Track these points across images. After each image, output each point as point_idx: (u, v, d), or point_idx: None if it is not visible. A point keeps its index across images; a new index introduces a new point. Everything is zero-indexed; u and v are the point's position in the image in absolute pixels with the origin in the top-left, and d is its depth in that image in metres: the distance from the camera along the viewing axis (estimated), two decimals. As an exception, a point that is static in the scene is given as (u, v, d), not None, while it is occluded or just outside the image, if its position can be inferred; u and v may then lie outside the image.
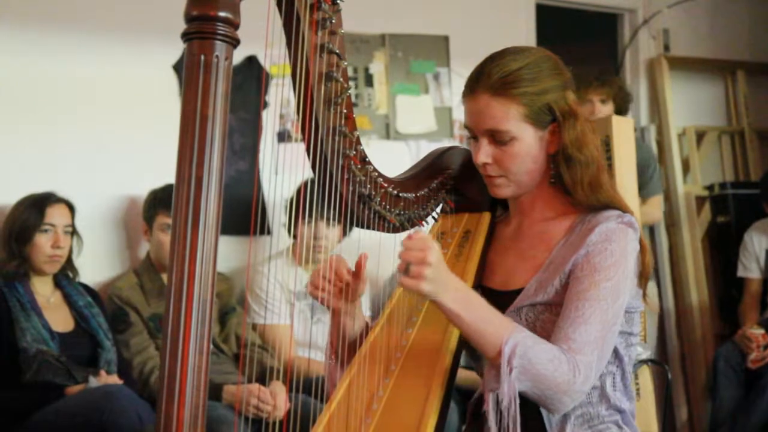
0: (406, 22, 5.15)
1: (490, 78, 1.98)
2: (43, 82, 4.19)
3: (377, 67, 5.09)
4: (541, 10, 5.68)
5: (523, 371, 1.79)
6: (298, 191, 3.73)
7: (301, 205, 3.47)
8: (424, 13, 5.20)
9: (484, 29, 5.08)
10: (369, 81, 5.06)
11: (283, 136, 4.67)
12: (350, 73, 4.97)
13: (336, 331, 2.08)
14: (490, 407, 1.81)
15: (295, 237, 4.20)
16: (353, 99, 4.96)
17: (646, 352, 4.13)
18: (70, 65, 4.25)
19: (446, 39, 5.23)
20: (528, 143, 1.99)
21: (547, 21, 5.70)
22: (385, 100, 5.10)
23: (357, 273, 2.02)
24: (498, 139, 1.99)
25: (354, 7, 4.86)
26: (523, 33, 5.45)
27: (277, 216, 4.33)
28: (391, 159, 2.19)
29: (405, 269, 1.77)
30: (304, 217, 3.86)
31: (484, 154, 2.01)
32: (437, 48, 5.22)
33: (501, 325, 1.84)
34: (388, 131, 5.07)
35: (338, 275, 2.01)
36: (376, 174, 1.98)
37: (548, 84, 1.99)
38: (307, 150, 1.86)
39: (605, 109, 4.87)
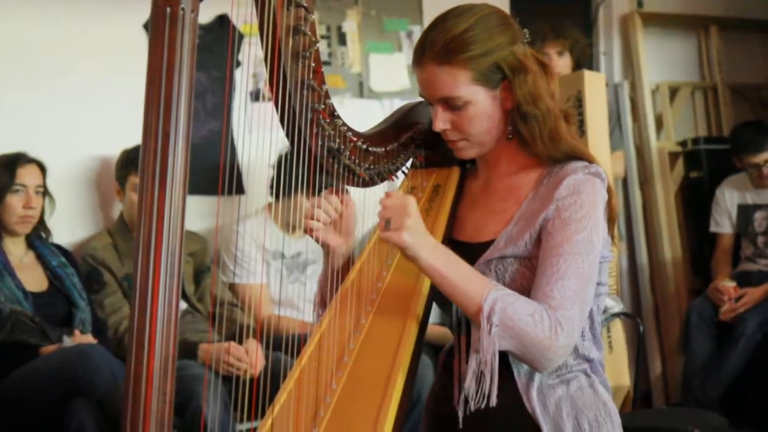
0: (378, -20, 5.14)
1: (434, 47, 1.96)
2: (13, 42, 4.16)
3: (350, 26, 5.08)
4: (514, -34, 5.66)
5: (504, 328, 1.80)
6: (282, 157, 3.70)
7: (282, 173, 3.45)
8: (396, -29, 5.19)
9: (457, -14, 5.07)
10: (342, 40, 5.05)
11: (256, 95, 4.66)
12: (323, 31, 4.97)
13: (326, 274, 2.10)
14: (471, 365, 1.83)
15: (276, 197, 4.18)
16: (326, 58, 4.97)
17: (618, 306, 4.17)
18: (40, 26, 4.22)
19: (419, -4, 5.22)
20: (482, 105, 1.99)
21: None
22: (359, 58, 5.09)
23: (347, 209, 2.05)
24: (452, 105, 1.99)
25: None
26: (496, -10, 5.43)
27: (252, 175, 4.33)
28: (366, 118, 2.18)
29: (386, 223, 1.81)
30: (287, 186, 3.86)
31: (441, 121, 2.01)
32: (410, 6, 5.21)
33: (481, 282, 1.86)
34: (361, 90, 5.07)
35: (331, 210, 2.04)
36: (346, 128, 1.98)
37: (494, 43, 1.97)
38: (275, 104, 1.86)
39: (562, 61, 4.89)
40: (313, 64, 1.86)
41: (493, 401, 1.82)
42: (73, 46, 4.26)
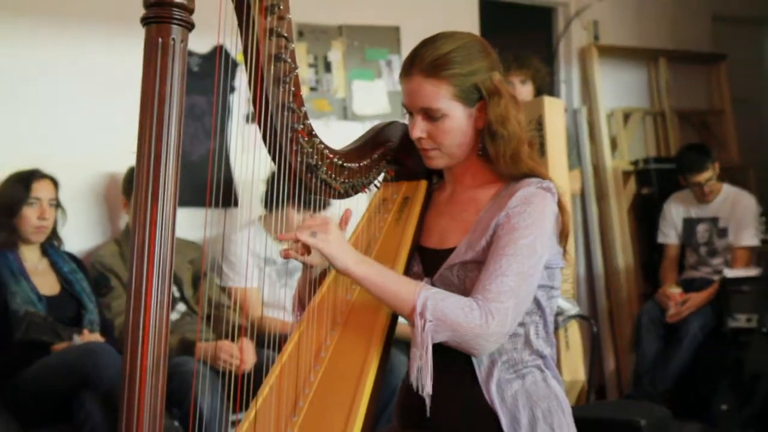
0: (361, 14, 5.15)
1: (423, 61, 1.98)
2: (31, 68, 4.16)
3: (335, 55, 5.08)
4: (483, 3, 5.68)
5: (438, 323, 1.82)
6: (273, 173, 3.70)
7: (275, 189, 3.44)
8: (377, 6, 5.20)
9: (432, 20, 5.05)
10: (328, 67, 5.05)
11: (249, 118, 4.65)
12: (311, 60, 4.97)
13: (304, 282, 2.10)
14: (412, 359, 1.84)
15: (268, 209, 4.15)
16: (314, 84, 4.97)
17: (574, 309, 4.18)
18: (56, 54, 4.22)
19: (397, 29, 5.22)
20: (458, 119, 2.00)
21: (490, 13, 5.70)
22: (343, 84, 5.09)
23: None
24: (431, 116, 2.00)
25: (314, 1, 4.88)
26: (467, 24, 5.44)
27: (246, 190, 4.32)
28: (349, 138, 2.18)
29: (311, 235, 1.85)
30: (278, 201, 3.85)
31: (418, 129, 2.02)
32: (389, 37, 5.22)
33: (411, 285, 1.88)
34: (345, 113, 5.07)
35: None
36: (323, 146, 1.98)
37: (476, 66, 1.99)
38: (259, 124, 1.86)
39: (525, 89, 4.89)
40: (293, 88, 1.86)
41: (429, 391, 1.83)
42: (84, 74, 4.24)
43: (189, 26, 1.47)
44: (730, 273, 4.86)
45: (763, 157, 6.37)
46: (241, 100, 4.53)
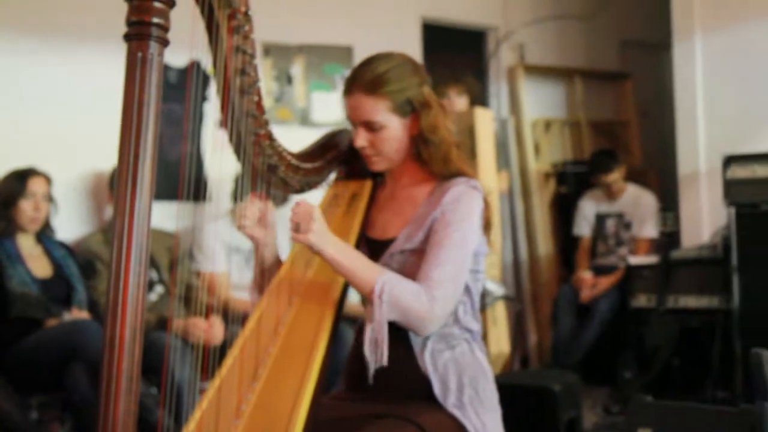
0: (319, 35, 5.15)
1: (363, 80, 1.99)
2: (26, 77, 4.13)
3: (297, 70, 5.07)
4: (425, 27, 5.71)
5: (391, 304, 1.84)
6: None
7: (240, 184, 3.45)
8: (333, 28, 5.20)
9: (380, 41, 5.05)
10: (290, 81, 5.04)
11: (219, 123, 4.63)
12: (275, 74, 4.96)
13: (257, 263, 2.09)
14: (367, 333, 1.85)
15: (236, 200, 4.15)
16: (278, 95, 4.95)
17: (501, 290, 4.22)
18: (50, 70, 4.19)
19: (351, 48, 5.23)
20: (395, 129, 2.02)
21: (431, 35, 5.72)
22: (304, 95, 5.09)
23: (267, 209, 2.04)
24: (371, 127, 2.01)
25: (278, 23, 4.87)
26: (411, 45, 5.47)
27: (217, 186, 4.31)
28: (308, 143, 2.21)
29: (296, 227, 1.84)
30: (244, 196, 3.83)
31: (361, 139, 2.04)
32: (344, 55, 5.22)
33: (373, 269, 1.89)
34: (306, 121, 5.07)
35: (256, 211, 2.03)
36: (282, 149, 1.98)
37: (408, 82, 2.00)
38: (225, 129, 1.86)
39: (460, 101, 4.93)
40: (256, 98, 1.86)
41: (385, 361, 1.84)
42: (74, 85, 4.22)
43: (165, 42, 1.46)
44: (633, 260, 4.92)
45: (662, 161, 6.47)
46: (213, 108, 4.51)
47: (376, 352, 1.84)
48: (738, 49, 4.81)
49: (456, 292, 1.92)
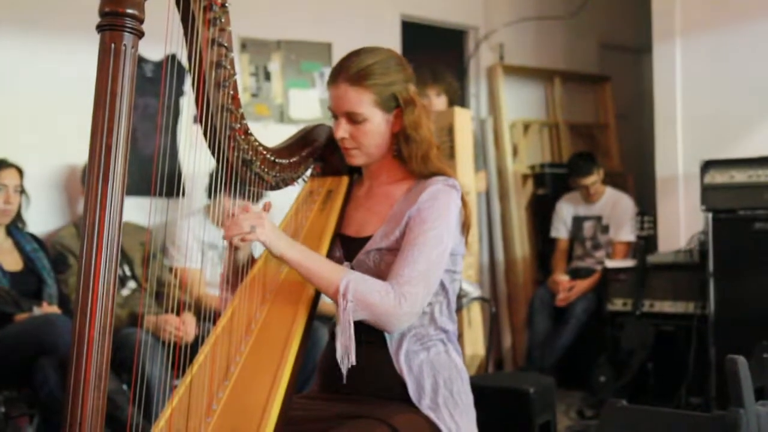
0: (297, 31, 5.13)
1: (349, 71, 1.98)
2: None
3: (274, 66, 5.05)
4: (405, 24, 5.70)
5: (357, 303, 1.83)
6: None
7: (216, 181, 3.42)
8: (312, 24, 5.18)
9: (360, 38, 5.02)
10: (268, 77, 5.02)
11: (195, 118, 4.60)
12: (252, 70, 4.93)
13: (230, 261, 2.08)
14: (338, 333, 1.85)
15: (212, 199, 4.13)
16: (255, 91, 4.93)
17: (477, 292, 4.23)
18: (21, 62, 4.14)
19: (329, 45, 5.21)
20: (377, 123, 2.01)
21: (410, 34, 5.71)
22: (281, 92, 5.07)
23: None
24: (353, 119, 2.00)
25: (256, 18, 4.85)
26: (390, 43, 5.46)
27: (192, 181, 4.28)
28: (285, 139, 2.21)
29: (250, 229, 1.85)
30: (218, 192, 3.81)
31: (342, 130, 2.03)
32: (322, 52, 5.20)
33: (336, 269, 1.89)
34: (283, 117, 5.04)
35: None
36: (257, 144, 1.97)
37: (394, 78, 2.00)
38: (200, 123, 1.85)
39: (439, 101, 4.93)
40: (231, 92, 1.84)
41: (353, 361, 1.84)
42: (46, 77, 4.18)
43: (139, 34, 1.45)
44: (610, 264, 4.94)
45: (640, 165, 6.50)
46: (190, 102, 4.48)
47: (345, 353, 1.84)
48: (718, 53, 4.84)
49: (427, 290, 1.91)
